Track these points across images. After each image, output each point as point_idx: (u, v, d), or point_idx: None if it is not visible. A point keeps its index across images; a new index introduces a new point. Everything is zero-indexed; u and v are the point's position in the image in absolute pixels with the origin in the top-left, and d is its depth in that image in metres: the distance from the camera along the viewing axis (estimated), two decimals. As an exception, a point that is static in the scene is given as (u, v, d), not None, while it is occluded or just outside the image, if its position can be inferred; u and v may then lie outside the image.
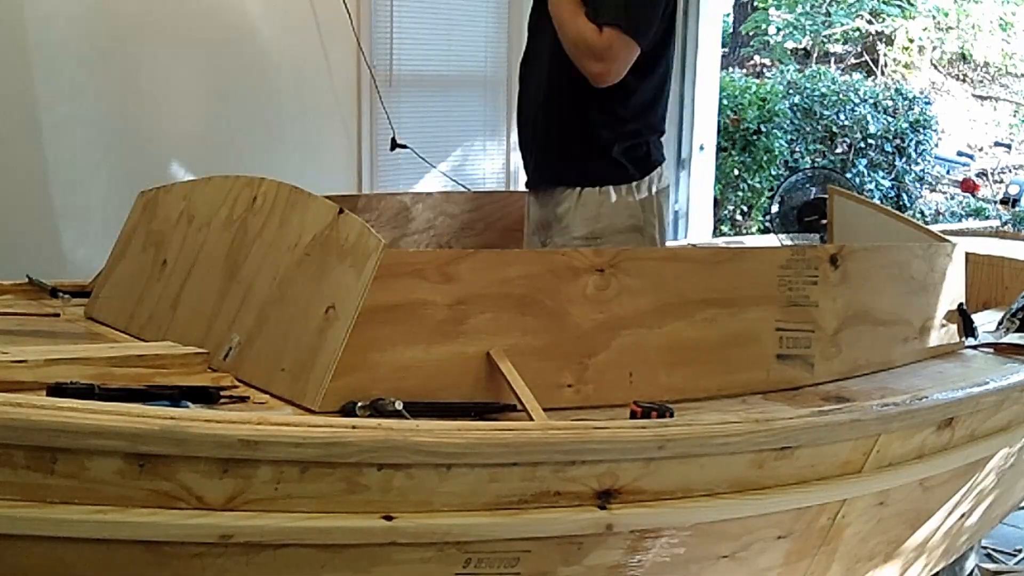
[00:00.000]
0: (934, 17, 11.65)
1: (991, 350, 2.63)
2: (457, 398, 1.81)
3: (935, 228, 3.46)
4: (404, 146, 4.63)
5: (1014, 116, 12.02)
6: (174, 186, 2.40)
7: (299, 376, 1.79)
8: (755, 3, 11.97)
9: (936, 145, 10.08)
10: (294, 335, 1.84)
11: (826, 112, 9.20)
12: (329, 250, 1.88)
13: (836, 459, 1.91)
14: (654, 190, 2.66)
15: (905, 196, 9.48)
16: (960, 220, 9.07)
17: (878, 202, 5.87)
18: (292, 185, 2.06)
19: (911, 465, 2.07)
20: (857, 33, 11.90)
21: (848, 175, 8.66)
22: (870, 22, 11.71)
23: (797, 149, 9.01)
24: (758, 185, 8.30)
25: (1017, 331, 2.72)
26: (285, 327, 1.86)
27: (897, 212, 3.15)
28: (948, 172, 10.85)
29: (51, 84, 3.99)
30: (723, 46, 8.27)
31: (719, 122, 7.27)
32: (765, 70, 11.56)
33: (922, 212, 9.72)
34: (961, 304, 2.61)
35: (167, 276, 2.21)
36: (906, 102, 9.64)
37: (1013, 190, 9.64)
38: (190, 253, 2.20)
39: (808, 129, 9.12)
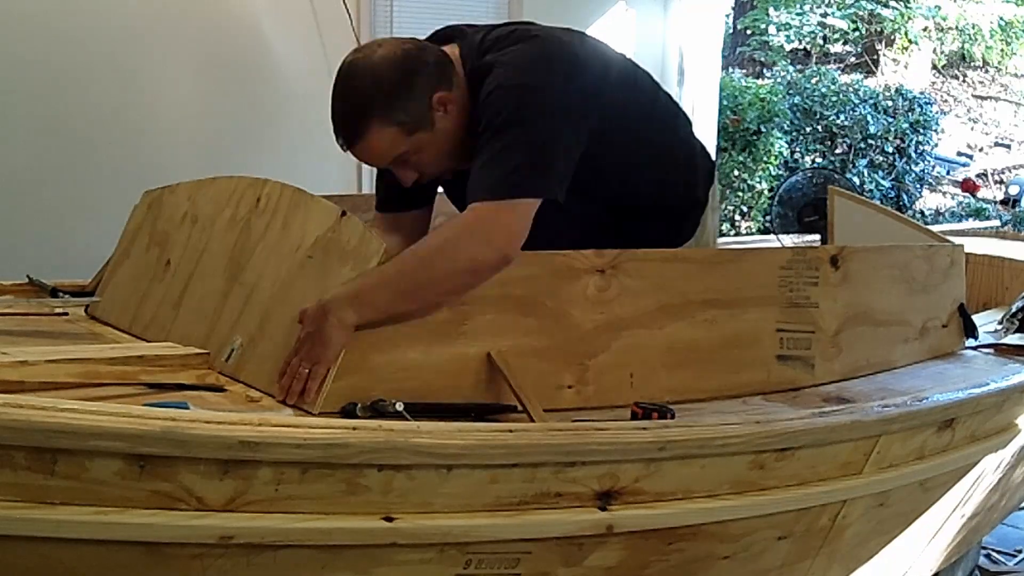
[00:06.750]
0: (934, 17, 11.64)
1: (991, 350, 2.63)
2: (458, 399, 1.81)
3: (935, 228, 3.46)
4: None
5: (1014, 116, 12.02)
6: (179, 186, 2.39)
7: (300, 377, 1.79)
8: (754, 1, 11.97)
9: (936, 145, 10.08)
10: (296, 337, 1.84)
11: (826, 112, 9.20)
12: (331, 253, 1.88)
13: (836, 460, 1.91)
14: None
15: (905, 196, 9.48)
16: (960, 220, 9.07)
17: (878, 202, 5.86)
18: (295, 187, 2.05)
19: (911, 466, 2.06)
20: (857, 33, 11.90)
21: (848, 175, 8.67)
22: (869, 22, 11.70)
23: (797, 149, 9.01)
24: (758, 185, 8.30)
25: (1017, 331, 2.72)
26: (287, 329, 1.86)
27: (897, 212, 3.15)
28: (948, 172, 10.86)
29: (52, 84, 3.99)
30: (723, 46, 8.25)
31: (719, 122, 7.26)
32: (765, 70, 11.56)
33: (922, 212, 9.72)
34: (961, 304, 2.61)
35: (170, 276, 2.21)
36: (906, 102, 9.64)
37: (1013, 190, 9.68)
38: (193, 254, 2.20)
39: (808, 129, 9.12)
